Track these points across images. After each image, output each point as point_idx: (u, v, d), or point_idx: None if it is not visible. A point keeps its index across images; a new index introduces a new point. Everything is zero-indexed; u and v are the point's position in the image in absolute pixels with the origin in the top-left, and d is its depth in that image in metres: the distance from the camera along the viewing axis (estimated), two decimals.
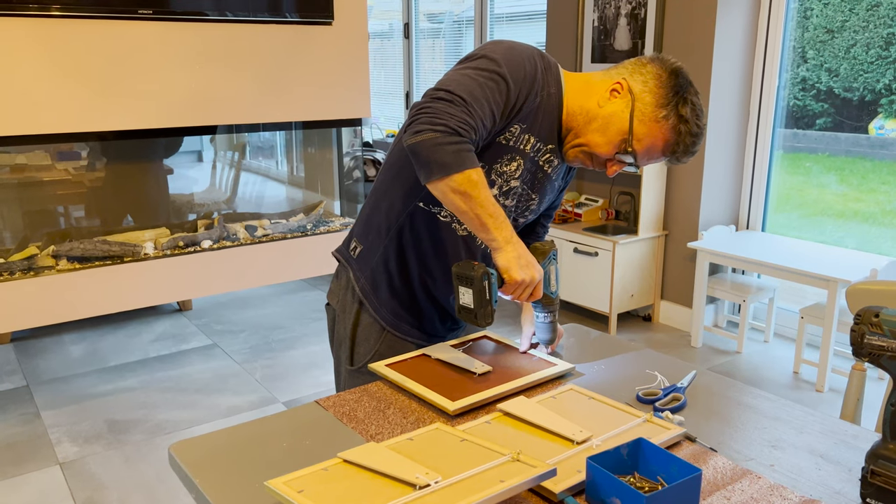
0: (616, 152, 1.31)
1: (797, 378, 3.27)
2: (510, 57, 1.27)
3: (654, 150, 1.30)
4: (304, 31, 3.14)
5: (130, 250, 3.02)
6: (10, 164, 3.07)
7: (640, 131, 1.28)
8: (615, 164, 1.33)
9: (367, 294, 1.45)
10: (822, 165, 3.70)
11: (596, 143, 1.32)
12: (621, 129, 1.29)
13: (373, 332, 1.46)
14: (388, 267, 1.44)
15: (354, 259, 1.48)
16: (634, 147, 1.29)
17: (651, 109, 1.27)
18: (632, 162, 1.32)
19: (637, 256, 3.77)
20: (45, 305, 2.79)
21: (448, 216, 1.39)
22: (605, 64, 3.96)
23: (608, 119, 1.30)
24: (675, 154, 1.30)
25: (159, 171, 3.57)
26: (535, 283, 1.27)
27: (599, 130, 1.31)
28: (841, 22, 3.44)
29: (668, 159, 1.33)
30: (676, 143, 1.29)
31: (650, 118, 1.27)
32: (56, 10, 2.56)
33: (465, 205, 1.20)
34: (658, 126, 1.27)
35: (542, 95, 1.31)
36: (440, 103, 1.19)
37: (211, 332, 3.83)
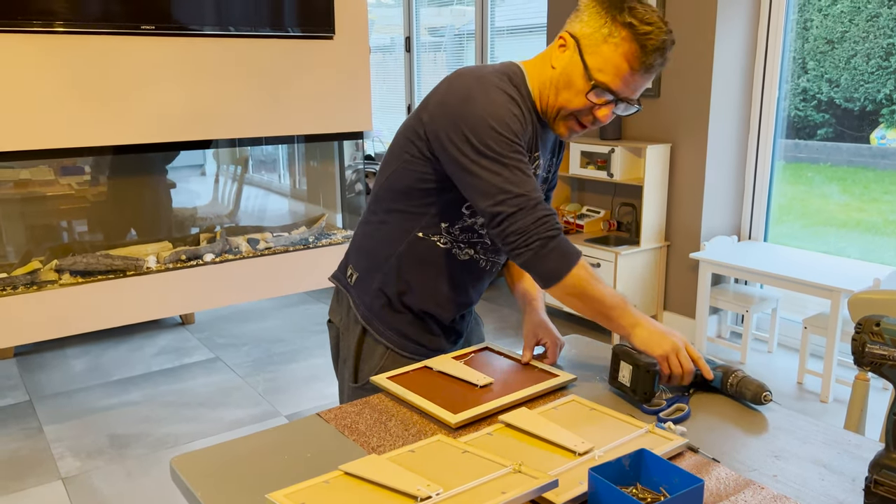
0: (587, 97, 1.27)
1: (801, 388, 3.26)
2: (507, 119, 1.26)
3: (623, 71, 1.23)
4: (305, 46, 3.16)
5: (133, 264, 3.02)
6: (14, 178, 3.09)
7: (596, 62, 1.24)
8: (600, 109, 1.28)
9: (370, 319, 1.46)
10: (824, 175, 3.70)
11: (567, 100, 1.29)
12: (580, 73, 1.26)
13: (377, 351, 1.46)
14: (388, 293, 1.44)
15: (353, 286, 1.49)
16: (599, 79, 1.24)
17: (594, 36, 1.24)
18: (613, 98, 1.26)
19: (639, 267, 3.76)
20: (48, 320, 2.79)
21: (448, 243, 1.40)
22: None
23: (565, 72, 1.28)
24: (648, 62, 1.23)
25: (162, 185, 3.59)
26: (682, 351, 1.27)
27: (564, 87, 1.29)
28: (841, 33, 3.46)
29: (650, 70, 1.25)
30: (640, 50, 1.22)
31: (597, 44, 1.23)
32: (60, 26, 2.58)
33: (582, 304, 1.28)
34: (609, 46, 1.23)
35: (529, 124, 1.33)
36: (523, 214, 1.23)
37: (213, 346, 3.83)
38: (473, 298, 1.52)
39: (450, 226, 1.39)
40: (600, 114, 1.29)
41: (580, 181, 4.26)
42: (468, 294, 1.49)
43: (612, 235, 3.95)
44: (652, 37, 1.21)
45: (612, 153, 3.74)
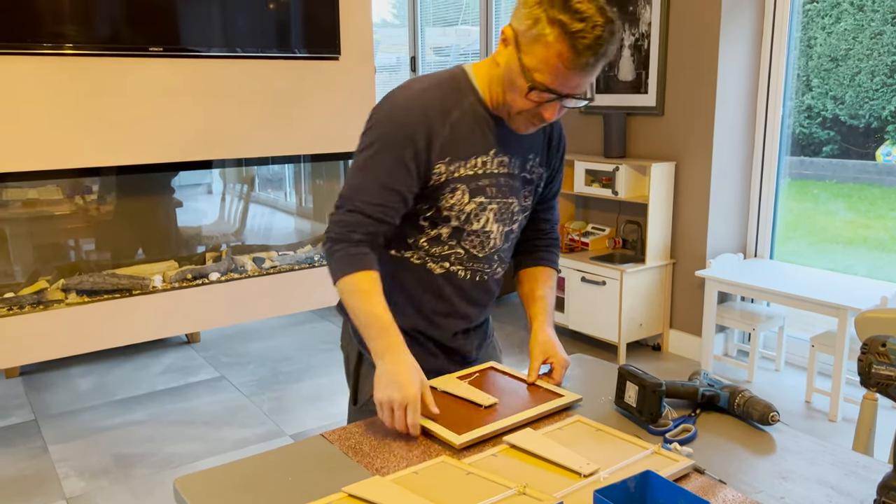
0: (528, 97, 1.23)
1: (809, 407, 3.23)
2: (390, 121, 1.29)
3: (560, 70, 1.17)
4: (311, 66, 3.19)
5: (139, 283, 3.04)
6: (22, 198, 3.11)
7: (531, 61, 1.19)
8: (545, 109, 1.24)
9: (364, 344, 1.44)
10: (830, 192, 3.70)
11: (513, 100, 1.26)
12: (519, 73, 1.21)
13: (373, 373, 1.43)
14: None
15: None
16: (537, 80, 1.19)
17: (527, 34, 1.18)
18: (556, 95, 1.21)
19: (645, 285, 3.75)
20: (55, 339, 2.80)
21: (420, 258, 1.39)
22: (609, 94, 4.00)
23: (507, 70, 1.24)
24: (581, 62, 1.16)
25: (168, 205, 3.61)
26: (402, 407, 1.20)
27: (508, 87, 1.26)
28: (845, 50, 3.47)
29: (586, 69, 1.18)
30: (571, 51, 1.15)
31: (531, 43, 1.18)
32: (69, 48, 2.61)
33: (350, 312, 1.30)
34: (541, 46, 1.17)
35: (449, 122, 1.30)
36: (334, 214, 1.31)
37: (218, 365, 3.83)
38: (469, 313, 1.48)
39: (415, 241, 1.38)
40: (545, 112, 1.25)
41: (585, 199, 4.26)
42: (457, 308, 1.45)
43: (617, 253, 3.95)
44: (583, 35, 1.14)
45: (617, 171, 3.75)
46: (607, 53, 1.18)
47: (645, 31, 3.77)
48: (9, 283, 3.02)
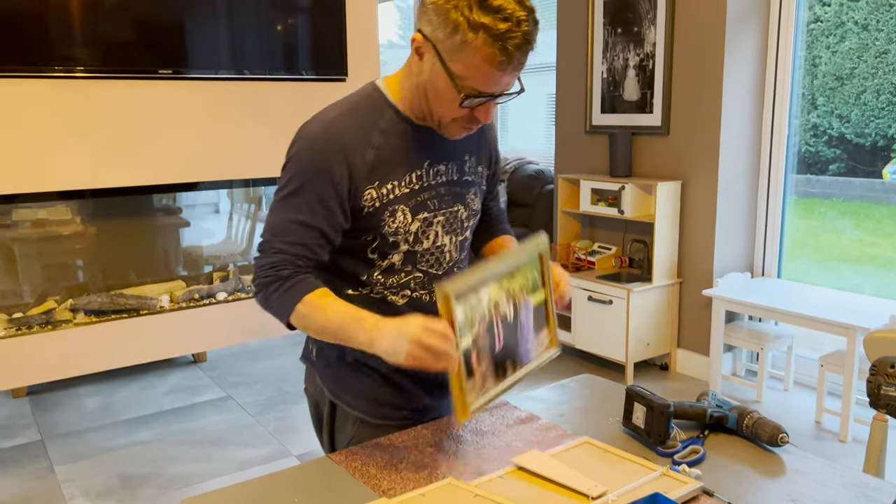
0: (461, 105, 1.18)
1: (819, 428, 3.21)
2: (305, 157, 1.23)
3: (492, 74, 1.13)
4: (318, 88, 3.22)
5: (147, 303, 3.05)
6: (31, 218, 3.14)
7: (459, 69, 1.14)
8: (479, 112, 1.21)
9: (337, 393, 1.40)
10: (837, 210, 3.69)
11: (443, 110, 1.21)
12: (447, 82, 1.16)
13: (348, 421, 1.40)
14: (348, 360, 1.38)
15: (316, 360, 1.43)
16: (468, 87, 1.15)
17: (449, 42, 1.12)
18: (488, 97, 1.17)
19: (652, 304, 3.74)
20: (63, 359, 2.81)
21: (379, 293, 1.32)
22: (615, 114, 4.02)
23: (431, 80, 1.18)
24: (515, 59, 1.12)
25: (176, 225, 3.63)
26: (421, 342, 1.09)
27: (435, 97, 1.20)
28: (850, 69, 3.48)
29: (519, 66, 1.15)
30: (501, 52, 1.11)
31: (455, 51, 1.12)
32: (80, 71, 2.65)
33: (319, 335, 1.23)
34: (468, 53, 1.12)
35: (371, 146, 1.25)
36: (258, 259, 1.25)
37: (225, 384, 3.83)
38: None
39: (368, 277, 1.31)
40: (480, 115, 1.21)
41: (591, 218, 4.26)
42: None
43: (623, 272, 3.94)
44: (512, 34, 1.09)
45: (623, 190, 3.75)
46: (533, 49, 1.15)
47: (649, 52, 3.79)
48: (18, 303, 3.04)
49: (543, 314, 1.35)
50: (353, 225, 1.26)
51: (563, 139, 4.40)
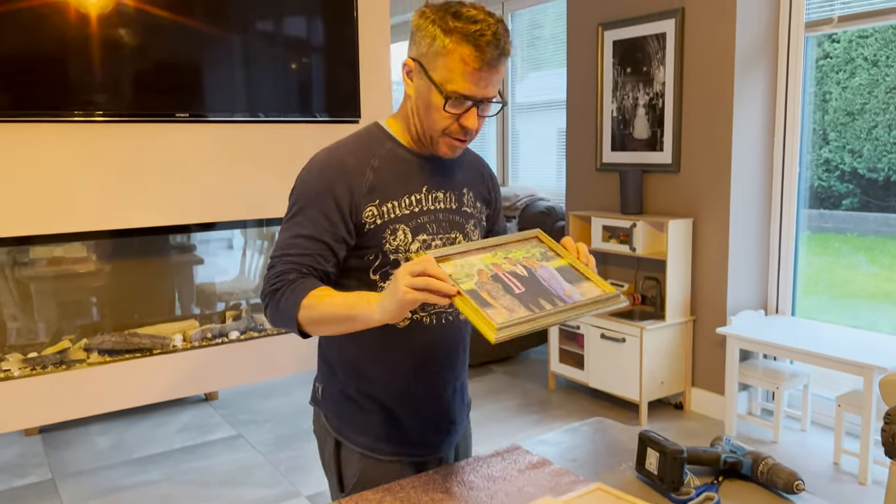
0: (446, 110, 1.26)
1: (837, 469, 3.15)
2: (308, 180, 1.33)
3: (468, 72, 1.23)
4: (332, 129, 3.26)
5: (160, 343, 3.06)
6: (47, 256, 3.18)
7: (441, 75, 1.24)
8: (464, 118, 1.28)
9: (341, 430, 1.42)
10: (851, 246, 3.67)
11: (433, 121, 1.29)
12: (432, 91, 1.26)
13: (353, 457, 1.42)
14: (350, 393, 1.41)
15: (322, 399, 1.46)
16: (450, 90, 1.24)
17: (430, 53, 1.25)
18: (471, 101, 1.26)
19: (665, 342, 3.72)
20: (76, 399, 2.81)
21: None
22: (625, 152, 4.04)
23: (420, 96, 1.29)
24: (486, 58, 1.23)
25: (189, 263, 3.66)
26: (414, 282, 1.08)
27: (425, 111, 1.29)
28: (861, 105, 3.49)
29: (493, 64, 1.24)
30: (475, 50, 1.22)
31: (435, 58, 1.24)
32: (99, 115, 2.70)
33: (327, 323, 1.23)
34: (445, 56, 1.23)
35: (370, 167, 1.33)
36: (266, 274, 1.30)
37: (236, 423, 3.82)
38: (453, 366, 1.44)
39: None
40: (467, 122, 1.28)
41: (602, 255, 4.26)
42: (434, 363, 1.41)
43: (636, 310, 3.92)
44: (482, 32, 1.22)
45: (634, 227, 3.76)
46: (507, 49, 1.25)
47: (659, 91, 3.83)
48: (33, 342, 3.06)
49: (576, 274, 1.27)
50: (357, 243, 1.32)
51: (574, 176, 4.42)
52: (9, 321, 3.09)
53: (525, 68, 5.37)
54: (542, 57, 5.22)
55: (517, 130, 5.48)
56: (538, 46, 5.23)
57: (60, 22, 2.60)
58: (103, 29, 2.68)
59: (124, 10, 2.71)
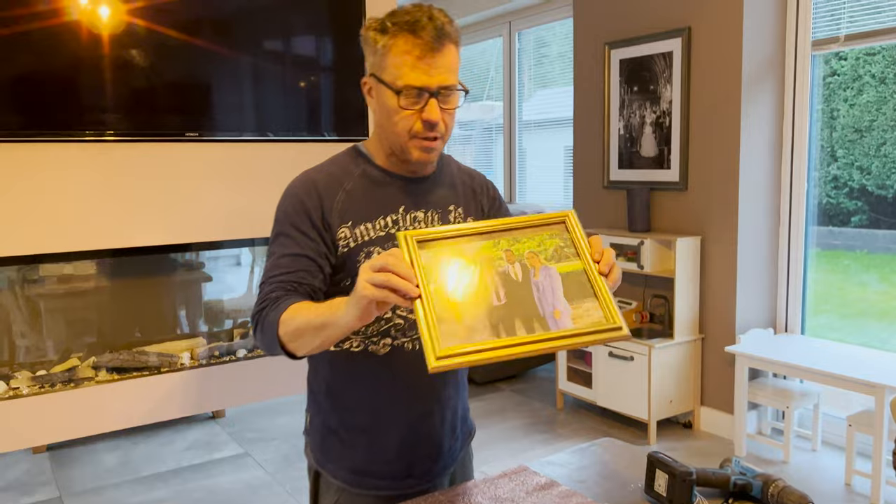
0: (402, 106, 1.23)
1: (849, 490, 3.11)
2: (285, 205, 1.32)
3: (412, 61, 1.21)
4: (340, 149, 3.28)
5: (168, 361, 3.07)
6: (57, 273, 3.19)
7: (390, 74, 1.23)
8: (424, 112, 1.23)
9: (322, 462, 1.40)
10: (861, 263, 3.65)
11: (395, 124, 1.26)
12: (387, 94, 1.24)
13: (331, 490, 1.39)
14: (333, 426, 1.38)
15: (309, 429, 1.45)
16: (399, 84, 1.22)
17: (377, 60, 1.25)
18: (425, 92, 1.22)
19: (674, 361, 3.70)
20: (83, 417, 2.82)
21: (360, 343, 1.32)
22: (632, 170, 4.04)
23: (380, 105, 1.28)
24: (426, 39, 1.20)
25: (198, 280, 3.67)
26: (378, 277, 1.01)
27: (387, 117, 1.27)
28: (869, 122, 3.49)
29: (435, 46, 1.21)
30: (412, 35, 1.20)
31: (381, 62, 1.24)
32: (110, 135, 2.73)
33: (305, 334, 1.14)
34: (390, 55, 1.23)
35: (343, 190, 1.31)
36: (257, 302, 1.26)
37: (243, 441, 3.81)
38: (440, 394, 1.38)
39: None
40: (427, 115, 1.23)
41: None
42: (418, 392, 1.36)
43: (644, 328, 3.91)
44: (416, 19, 1.21)
45: (642, 245, 3.75)
46: (446, 30, 1.22)
47: (666, 109, 3.83)
48: (41, 360, 3.07)
49: (587, 287, 1.08)
50: (334, 262, 1.29)
51: (581, 194, 4.42)
52: (18, 339, 3.10)
53: (532, 86, 5.40)
54: (549, 75, 5.24)
55: (524, 148, 5.50)
56: (545, 64, 5.26)
57: (72, 42, 2.64)
58: (114, 49, 2.71)
59: (135, 31, 2.74)
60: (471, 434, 1.56)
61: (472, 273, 1.07)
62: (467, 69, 6.02)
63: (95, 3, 2.67)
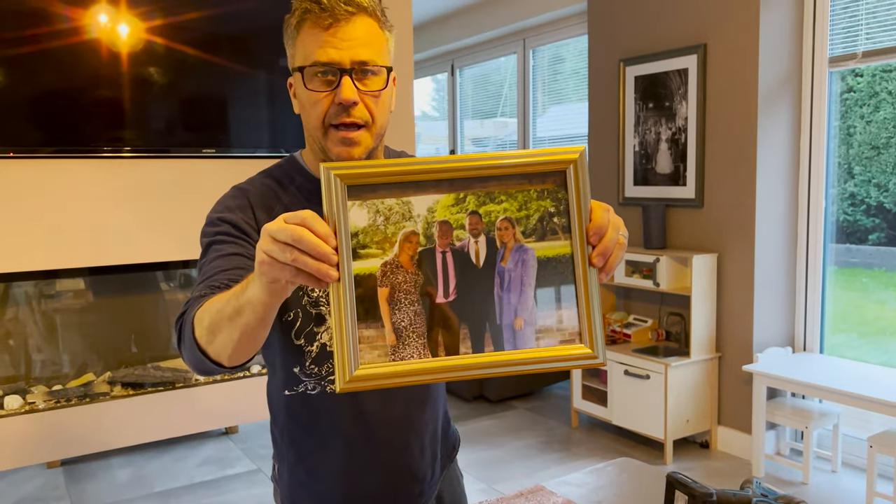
0: (311, 88, 1.07)
1: None
2: (214, 214, 1.16)
3: (317, 39, 1.06)
4: None
5: (182, 376, 3.07)
6: (74, 289, 3.22)
7: (299, 56, 1.08)
8: (339, 92, 1.06)
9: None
10: (879, 281, 3.61)
11: (310, 119, 1.10)
12: (299, 81, 1.09)
13: None
14: (301, 481, 1.27)
15: (277, 479, 1.33)
16: (302, 64, 1.07)
17: (289, 45, 1.11)
18: (337, 67, 1.05)
19: (691, 379, 3.65)
20: (98, 432, 2.82)
21: (316, 385, 1.17)
22: (648, 186, 4.03)
23: (300, 104, 1.12)
24: (326, 8, 1.04)
25: None
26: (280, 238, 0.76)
27: (304, 116, 1.12)
28: (886, 139, 3.46)
29: (332, 14, 1.05)
30: (313, 6, 1.05)
31: (292, 49, 1.10)
32: (127, 151, 2.76)
33: (221, 322, 0.91)
34: (296, 38, 1.08)
35: (280, 203, 1.16)
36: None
37: (255, 457, 3.80)
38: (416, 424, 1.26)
39: (301, 368, 1.16)
40: (341, 96, 1.05)
41: (626, 290, 4.23)
42: (387, 427, 1.22)
43: (660, 346, 3.87)
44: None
45: (658, 262, 3.73)
46: (358, 0, 1.06)
47: (681, 126, 3.82)
48: (57, 374, 3.09)
49: (568, 285, 0.80)
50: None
51: None
52: (34, 353, 3.12)
53: (546, 102, 5.41)
54: (563, 91, 5.25)
55: None
56: (560, 81, 5.27)
57: (92, 60, 2.67)
58: (133, 67, 2.74)
59: (154, 49, 2.78)
60: (454, 448, 1.41)
61: (416, 247, 0.79)
62: (482, 86, 6.04)
63: (115, 21, 2.71)
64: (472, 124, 6.24)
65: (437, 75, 6.58)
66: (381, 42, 1.09)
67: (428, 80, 6.81)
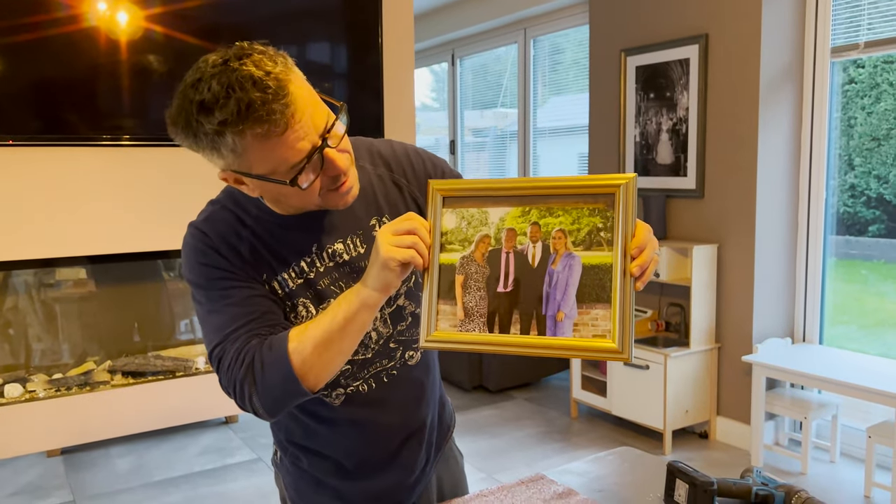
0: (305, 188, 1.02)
1: (869, 502, 3.06)
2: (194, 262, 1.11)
3: (281, 147, 0.97)
4: None
5: (182, 365, 3.07)
6: (73, 278, 3.21)
7: (261, 168, 1.00)
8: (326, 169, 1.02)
9: (296, 501, 1.33)
10: (879, 273, 3.61)
11: (301, 200, 1.06)
12: (270, 185, 1.02)
13: None
14: (306, 470, 1.30)
15: (280, 465, 1.36)
16: (283, 171, 0.99)
17: (231, 162, 1.00)
18: (317, 149, 0.99)
19: (690, 370, 3.66)
20: (99, 421, 2.83)
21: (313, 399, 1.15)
22: (648, 177, 4.02)
23: (265, 192, 1.07)
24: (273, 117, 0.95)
25: None
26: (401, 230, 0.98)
27: (285, 198, 1.06)
28: (886, 130, 3.45)
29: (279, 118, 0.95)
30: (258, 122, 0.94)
31: (239, 162, 1.00)
32: (126, 140, 2.75)
33: (328, 346, 1.00)
34: (246, 152, 0.98)
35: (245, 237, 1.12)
36: (219, 366, 1.08)
37: (255, 446, 3.80)
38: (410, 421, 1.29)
39: None
40: (332, 170, 1.02)
41: None
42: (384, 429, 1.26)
43: (660, 336, 3.87)
44: (241, 100, 0.94)
45: (658, 253, 3.72)
46: (279, 84, 0.95)
47: (682, 116, 3.81)
48: (57, 363, 3.09)
49: (604, 289, 0.96)
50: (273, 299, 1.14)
51: None
52: (34, 342, 3.12)
53: (546, 93, 5.39)
54: (563, 82, 5.23)
55: (538, 155, 5.48)
56: (559, 71, 5.25)
57: (91, 48, 2.66)
58: (132, 55, 2.73)
59: (153, 37, 2.76)
60: (449, 428, 1.43)
61: (487, 247, 1.01)
62: (482, 76, 6.02)
63: (114, 9, 2.70)
64: (472, 115, 6.22)
65: (435, 66, 6.56)
66: (312, 93, 1.03)
67: (426, 72, 6.79)
